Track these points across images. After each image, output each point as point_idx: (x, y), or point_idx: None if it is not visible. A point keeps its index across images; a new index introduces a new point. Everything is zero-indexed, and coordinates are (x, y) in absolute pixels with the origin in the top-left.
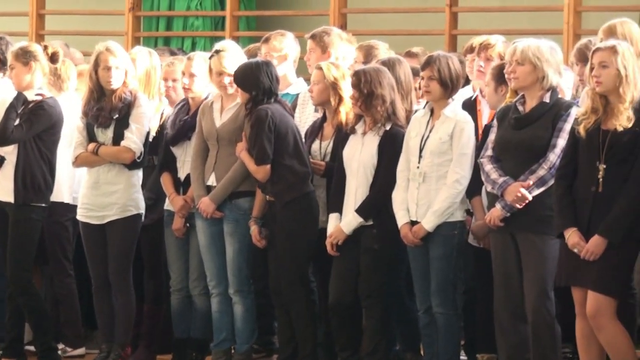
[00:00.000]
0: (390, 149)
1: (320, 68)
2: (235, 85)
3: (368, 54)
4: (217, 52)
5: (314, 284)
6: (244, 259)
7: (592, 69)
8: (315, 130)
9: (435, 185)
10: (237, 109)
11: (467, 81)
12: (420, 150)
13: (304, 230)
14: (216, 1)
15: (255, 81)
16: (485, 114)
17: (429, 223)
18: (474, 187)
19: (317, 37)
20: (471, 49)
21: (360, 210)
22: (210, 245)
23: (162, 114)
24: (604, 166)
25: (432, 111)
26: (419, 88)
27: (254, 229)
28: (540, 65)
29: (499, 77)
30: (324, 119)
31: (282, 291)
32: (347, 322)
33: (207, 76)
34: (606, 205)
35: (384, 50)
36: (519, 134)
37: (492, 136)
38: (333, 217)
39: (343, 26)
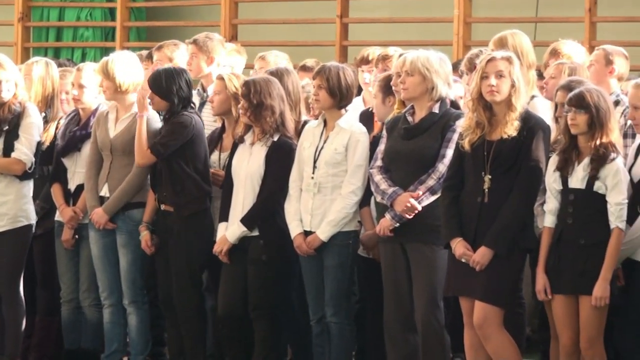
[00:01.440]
0: (277, 160)
1: (222, 78)
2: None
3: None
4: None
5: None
6: (137, 270)
7: (483, 77)
8: (214, 140)
9: (330, 195)
10: (132, 120)
11: (360, 91)
12: (315, 161)
13: (201, 245)
14: (106, 12)
15: (169, 88)
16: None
17: (324, 233)
18: (363, 197)
19: (200, 42)
20: (366, 61)
21: (244, 220)
22: (103, 257)
23: (57, 124)
24: (490, 177)
25: (325, 122)
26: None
27: (145, 235)
28: (429, 76)
29: (386, 88)
30: (222, 129)
31: (174, 302)
32: (237, 334)
33: (97, 87)
34: (492, 216)
35: (278, 61)
36: (409, 145)
37: (381, 147)
38: (222, 226)
39: (234, 37)
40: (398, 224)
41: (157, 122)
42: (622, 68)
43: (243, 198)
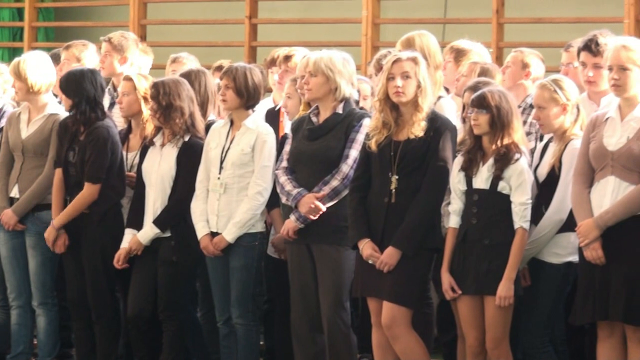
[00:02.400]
0: (188, 161)
1: (129, 79)
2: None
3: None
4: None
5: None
6: (47, 272)
7: (389, 78)
8: (121, 140)
9: (237, 196)
10: (44, 121)
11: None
12: (221, 162)
13: (115, 246)
14: (14, 12)
15: (79, 88)
16: (288, 125)
17: (230, 234)
18: (273, 199)
19: (115, 41)
20: (275, 61)
21: (157, 221)
22: (12, 258)
23: None
24: (397, 177)
25: (232, 122)
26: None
27: (53, 234)
28: (333, 76)
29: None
30: (129, 130)
31: (87, 303)
32: (145, 335)
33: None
34: (399, 216)
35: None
36: (313, 145)
37: (287, 147)
38: (128, 232)
39: (142, 37)
40: (303, 225)
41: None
42: (538, 71)
43: (154, 200)
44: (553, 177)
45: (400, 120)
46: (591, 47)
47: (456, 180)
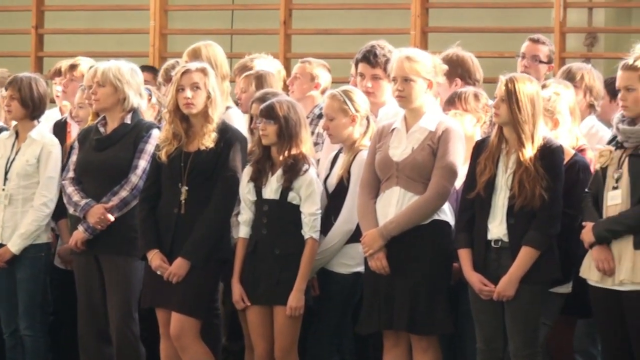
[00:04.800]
0: None
1: None
2: None
3: None
4: None
5: None
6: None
7: (179, 90)
8: None
9: (22, 208)
10: None
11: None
12: (6, 173)
13: None
14: None
15: None
16: (75, 135)
17: (15, 246)
18: (61, 209)
19: None
20: (59, 73)
21: None
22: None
23: None
24: (186, 188)
25: (17, 133)
26: None
27: None
28: (121, 86)
29: None
30: None
31: None
32: None
33: None
34: (189, 227)
35: None
36: (101, 156)
37: (73, 158)
38: None
39: None
40: (91, 236)
41: None
42: (325, 81)
43: None
44: (342, 187)
45: (191, 132)
46: (369, 58)
47: (245, 191)
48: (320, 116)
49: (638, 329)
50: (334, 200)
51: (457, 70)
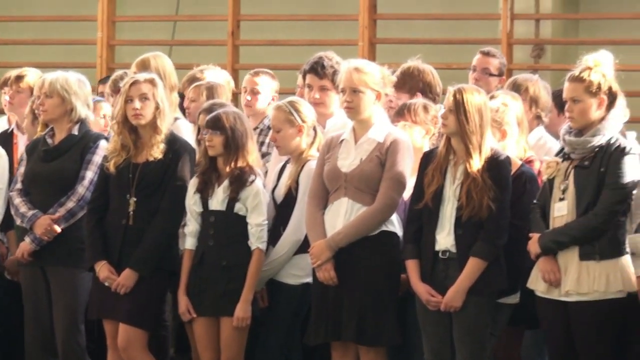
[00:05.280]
0: None
1: None
2: None
3: None
4: None
5: None
6: None
7: (128, 101)
8: None
9: None
10: None
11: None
12: None
13: None
14: None
15: None
16: (22, 146)
17: None
18: (8, 221)
19: None
20: (5, 82)
21: None
22: None
23: None
24: (135, 199)
25: None
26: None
27: None
28: (68, 97)
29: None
30: None
31: None
32: None
33: None
34: (137, 238)
35: None
36: (49, 167)
37: (21, 169)
38: None
39: None
40: (38, 247)
41: None
42: (274, 92)
43: None
44: (290, 198)
45: (139, 143)
46: (317, 70)
47: (192, 202)
48: (270, 127)
49: (584, 339)
50: (283, 210)
51: (418, 84)
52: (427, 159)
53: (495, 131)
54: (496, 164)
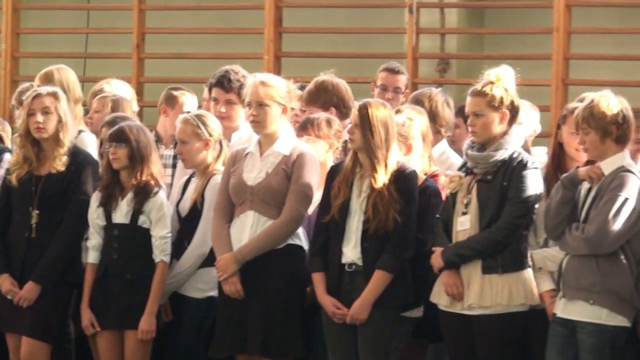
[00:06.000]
0: None
1: None
2: None
3: None
4: None
5: None
6: None
7: (30, 114)
8: None
9: None
10: None
11: None
12: None
13: None
14: None
15: None
16: None
17: None
18: None
19: None
20: None
21: None
22: None
23: None
24: (37, 212)
25: None
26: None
27: None
28: None
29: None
30: None
31: None
32: None
33: None
34: (40, 251)
35: None
36: None
37: None
38: None
39: None
40: None
41: None
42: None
43: None
44: (195, 212)
45: (42, 155)
46: (224, 83)
47: (95, 216)
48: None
49: (486, 353)
50: (187, 224)
51: (332, 98)
52: (333, 172)
53: (402, 145)
54: (402, 177)
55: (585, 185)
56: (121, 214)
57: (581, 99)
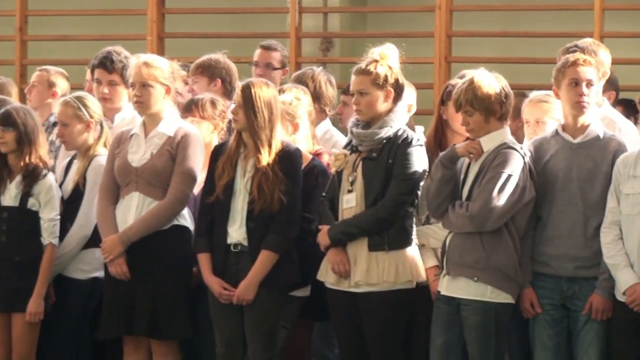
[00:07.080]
0: None
1: None
2: None
3: None
4: None
5: None
6: None
7: None
8: None
9: None
10: None
11: None
12: None
13: None
14: None
15: None
16: None
17: None
18: None
19: None
20: None
21: None
22: None
23: None
24: None
25: None
26: None
27: None
28: None
29: None
30: None
31: None
32: None
33: None
34: None
35: None
36: None
37: None
38: None
39: None
40: None
41: None
42: (63, 89)
43: None
44: (78, 193)
45: None
46: (106, 64)
47: None
48: (55, 124)
49: (373, 330)
50: (69, 206)
51: (221, 72)
52: (217, 152)
53: (288, 124)
54: (287, 157)
55: (465, 162)
56: (10, 196)
57: (461, 76)
